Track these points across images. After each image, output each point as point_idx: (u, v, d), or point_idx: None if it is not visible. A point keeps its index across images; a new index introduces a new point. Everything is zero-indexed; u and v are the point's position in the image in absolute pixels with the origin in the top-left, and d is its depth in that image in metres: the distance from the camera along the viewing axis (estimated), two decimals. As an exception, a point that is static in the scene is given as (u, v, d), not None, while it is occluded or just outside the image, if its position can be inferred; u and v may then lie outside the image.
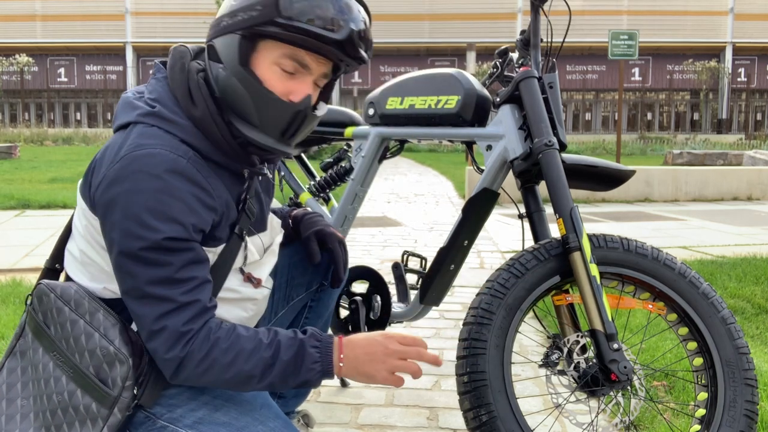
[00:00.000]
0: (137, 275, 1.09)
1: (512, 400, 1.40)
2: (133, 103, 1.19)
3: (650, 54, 25.16)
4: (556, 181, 1.52)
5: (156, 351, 1.12)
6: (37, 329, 1.22)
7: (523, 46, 1.74)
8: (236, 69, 1.15)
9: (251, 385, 1.16)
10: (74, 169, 10.91)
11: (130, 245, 1.08)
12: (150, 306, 1.10)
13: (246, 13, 1.14)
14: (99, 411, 1.15)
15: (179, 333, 1.11)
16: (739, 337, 1.48)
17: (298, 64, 1.17)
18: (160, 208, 1.08)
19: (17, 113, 25.76)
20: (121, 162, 1.10)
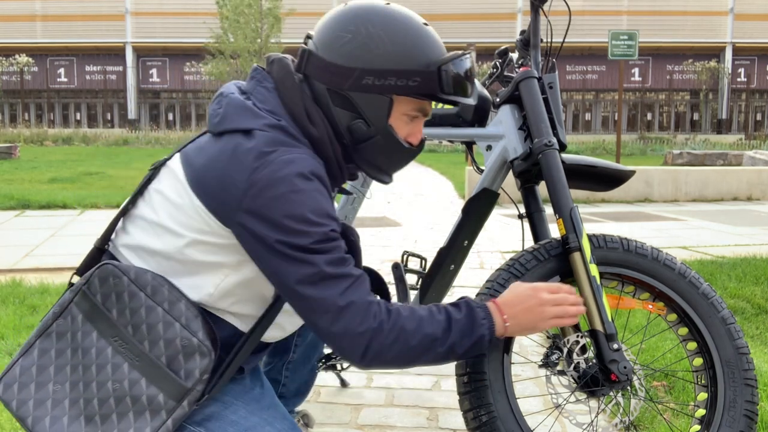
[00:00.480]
0: (315, 262, 1.12)
1: (512, 401, 1.40)
2: (253, 110, 1.18)
3: (650, 54, 25.16)
4: (555, 182, 1.52)
5: (347, 329, 1.13)
6: (92, 311, 1.17)
7: (523, 47, 1.74)
8: (382, 128, 1.23)
9: (434, 350, 1.18)
10: (74, 169, 10.91)
11: (301, 241, 1.11)
12: (333, 286, 1.13)
13: (401, 81, 1.20)
14: (166, 403, 1.13)
15: (367, 303, 1.15)
16: (739, 338, 1.48)
17: (422, 113, 1.27)
18: (319, 205, 1.13)
19: (17, 113, 25.75)
20: (273, 166, 1.11)
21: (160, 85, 26.70)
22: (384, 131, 1.23)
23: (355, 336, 1.13)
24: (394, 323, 1.16)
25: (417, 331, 1.17)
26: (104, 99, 26.46)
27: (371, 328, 1.14)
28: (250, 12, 20.57)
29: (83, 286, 1.18)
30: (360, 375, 2.29)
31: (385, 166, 1.29)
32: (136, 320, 1.15)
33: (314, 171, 1.14)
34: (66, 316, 1.18)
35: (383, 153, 1.26)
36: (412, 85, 1.20)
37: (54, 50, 25.75)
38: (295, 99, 1.21)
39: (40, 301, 3.13)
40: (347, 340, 1.14)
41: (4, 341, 2.55)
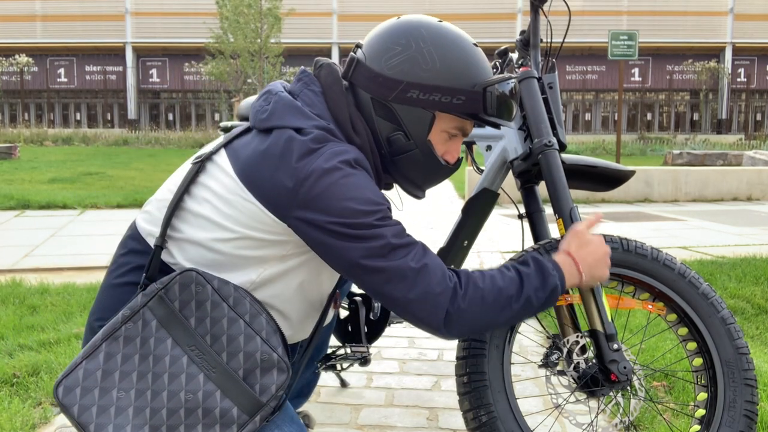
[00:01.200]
0: (381, 236, 1.13)
1: (512, 401, 1.40)
2: (302, 110, 1.21)
3: (650, 54, 25.16)
4: (555, 182, 1.52)
5: (426, 292, 1.14)
6: (169, 318, 1.14)
7: (523, 47, 1.74)
8: (422, 143, 1.26)
9: (510, 306, 1.19)
10: (74, 170, 10.91)
11: (364, 220, 1.12)
12: (403, 254, 1.15)
13: (446, 98, 1.22)
14: (239, 417, 1.11)
15: (439, 265, 1.17)
16: (739, 338, 1.48)
17: (461, 132, 1.29)
18: (370, 189, 1.16)
19: (17, 113, 25.74)
20: (324, 156, 1.13)
21: (160, 85, 26.70)
22: (423, 145, 1.25)
23: (435, 299, 1.15)
24: (467, 284, 1.18)
25: (491, 288, 1.18)
26: (104, 99, 26.46)
27: (448, 288, 1.15)
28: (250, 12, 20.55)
29: (160, 291, 1.15)
30: (360, 375, 2.29)
31: (420, 181, 1.31)
32: (217, 331, 1.13)
33: (360, 161, 1.17)
34: (137, 321, 1.14)
35: (419, 167, 1.28)
36: (456, 103, 1.22)
37: (54, 50, 25.75)
38: (341, 106, 1.23)
39: (40, 301, 3.13)
40: (428, 305, 1.15)
41: (4, 341, 2.55)
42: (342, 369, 2.01)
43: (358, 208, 1.12)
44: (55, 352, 2.42)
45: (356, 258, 1.13)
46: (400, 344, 2.65)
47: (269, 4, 20.70)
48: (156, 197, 1.30)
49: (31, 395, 2.08)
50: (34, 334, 2.64)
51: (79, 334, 2.62)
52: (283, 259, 1.20)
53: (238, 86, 20.94)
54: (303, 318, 1.31)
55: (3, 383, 2.17)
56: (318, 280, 1.28)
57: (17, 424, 1.86)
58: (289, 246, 1.19)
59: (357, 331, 1.88)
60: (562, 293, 1.25)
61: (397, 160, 1.27)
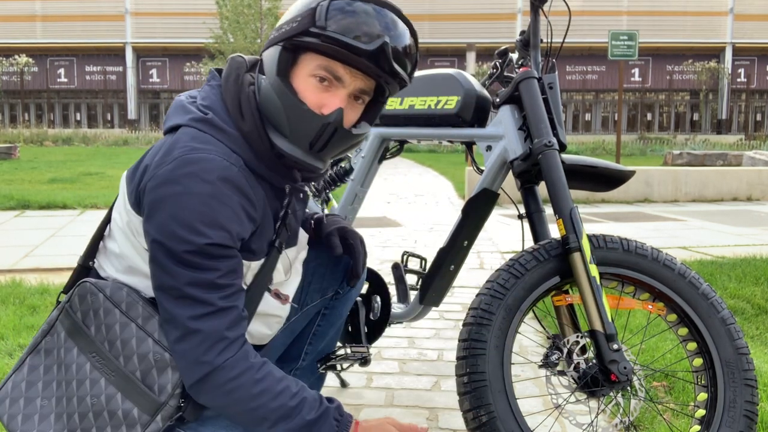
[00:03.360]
0: (178, 276, 1.09)
1: (512, 401, 1.40)
2: (186, 107, 1.20)
3: (650, 54, 25.16)
4: (555, 182, 1.52)
5: (186, 354, 1.10)
6: (73, 328, 1.19)
7: (523, 47, 1.74)
8: (274, 79, 1.16)
9: (261, 427, 1.14)
10: (74, 170, 10.91)
11: (175, 247, 1.08)
12: (187, 307, 1.09)
13: (288, 26, 1.17)
14: (140, 417, 1.13)
15: (218, 337, 1.10)
16: (739, 338, 1.48)
17: (332, 76, 1.17)
18: (209, 213, 1.08)
19: (17, 114, 25.74)
20: (174, 163, 1.10)
21: (160, 85, 26.70)
22: (275, 83, 1.15)
23: (195, 364, 1.10)
24: (239, 374, 1.11)
25: (257, 398, 1.12)
26: (104, 99, 26.46)
27: (211, 364, 1.10)
28: (249, 12, 20.57)
29: (66, 304, 1.21)
30: (360, 375, 2.29)
31: (290, 132, 1.16)
32: (111, 336, 1.16)
33: (221, 175, 1.10)
34: (53, 334, 1.22)
35: (280, 112, 1.15)
36: (294, 26, 1.15)
37: (54, 50, 25.75)
38: (230, 93, 1.20)
39: (40, 301, 3.13)
40: (185, 363, 1.11)
41: (4, 341, 2.55)
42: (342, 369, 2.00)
43: (176, 231, 1.08)
44: (55, 352, 2.42)
45: (154, 280, 1.13)
46: (400, 344, 2.65)
47: (269, 4, 20.70)
48: None
49: (31, 395, 2.08)
50: (33, 334, 2.63)
51: (79, 335, 2.62)
52: None
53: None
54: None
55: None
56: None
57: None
58: None
59: (357, 332, 1.88)
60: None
61: (263, 110, 1.18)
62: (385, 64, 1.15)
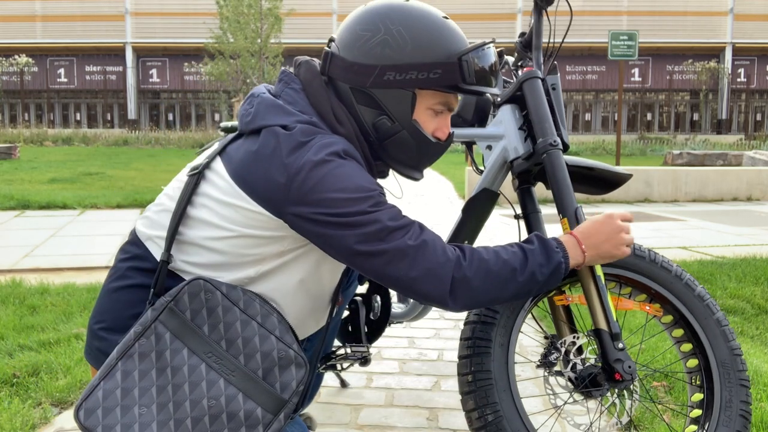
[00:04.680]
0: (378, 220, 1.14)
1: (517, 400, 1.40)
2: (284, 108, 1.22)
3: (650, 54, 25.15)
4: (560, 182, 1.51)
5: (428, 267, 1.15)
6: (182, 328, 1.15)
7: (523, 48, 1.74)
8: (407, 124, 1.25)
9: (515, 279, 1.20)
10: (74, 170, 10.91)
11: (357, 207, 1.13)
12: (401, 234, 1.15)
13: (422, 74, 1.21)
14: (263, 417, 1.12)
15: (438, 239, 1.19)
16: (733, 339, 1.49)
17: (447, 107, 1.28)
18: (364, 176, 1.16)
19: (17, 114, 25.72)
20: (311, 151, 1.14)
21: (160, 85, 26.69)
22: (408, 126, 1.25)
23: (438, 272, 1.15)
24: (471, 255, 1.19)
25: (496, 260, 1.19)
26: (104, 99, 26.45)
27: (450, 260, 1.16)
28: (250, 12, 20.55)
29: (170, 303, 1.16)
30: (360, 375, 2.29)
31: (414, 161, 1.31)
32: (231, 335, 1.15)
33: (349, 151, 1.17)
34: (149, 336, 1.15)
35: (409, 148, 1.27)
36: (433, 78, 1.21)
37: (54, 50, 25.74)
38: (322, 99, 1.23)
39: (40, 301, 3.13)
40: (431, 280, 1.15)
41: (4, 341, 2.55)
42: (342, 369, 2.01)
43: (350, 196, 1.12)
44: (55, 352, 2.42)
45: (354, 244, 1.14)
46: (400, 344, 2.65)
47: (269, 5, 20.69)
48: (155, 203, 1.32)
49: (31, 395, 2.08)
50: (34, 334, 2.64)
51: (79, 335, 2.62)
52: (280, 254, 1.21)
53: (237, 86, 20.93)
54: (306, 313, 1.31)
55: (3, 383, 2.17)
56: (317, 275, 1.28)
57: (17, 424, 1.86)
58: (286, 242, 1.20)
59: (357, 331, 1.88)
60: (566, 271, 1.26)
61: (386, 144, 1.27)
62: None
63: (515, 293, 1.22)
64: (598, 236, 1.31)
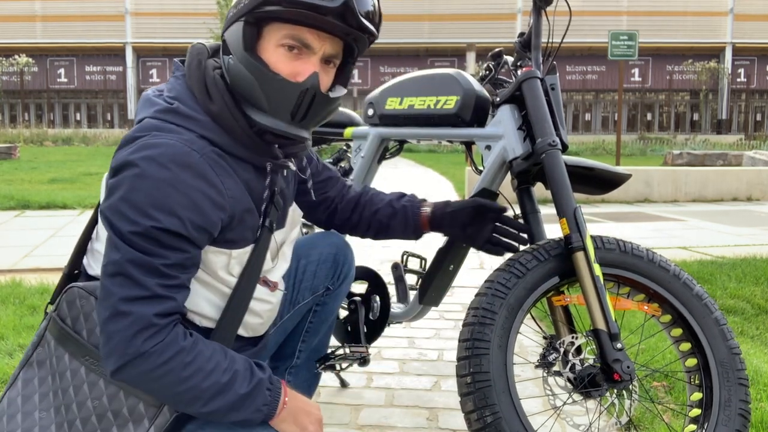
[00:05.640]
0: (122, 252, 1.06)
1: (516, 401, 1.39)
2: (151, 100, 1.20)
3: (650, 54, 25.14)
4: (559, 182, 1.51)
5: (113, 335, 1.06)
6: (61, 335, 1.18)
7: (522, 48, 1.74)
8: (242, 55, 1.15)
9: (194, 407, 1.12)
10: (74, 170, 10.91)
11: (123, 227, 1.07)
12: (124, 286, 1.06)
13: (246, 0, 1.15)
14: (146, 410, 1.13)
15: (146, 322, 1.06)
16: (732, 338, 1.49)
17: (300, 44, 1.16)
18: (160, 198, 1.06)
19: (17, 114, 25.71)
20: (133, 147, 1.10)
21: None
22: (244, 59, 1.14)
23: (121, 347, 1.06)
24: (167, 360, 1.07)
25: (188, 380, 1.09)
26: (104, 99, 26.45)
27: (137, 350, 1.06)
28: (250, 12, 20.55)
29: (53, 313, 1.20)
30: (360, 375, 2.29)
31: (267, 104, 1.15)
32: None
33: (181, 161, 1.08)
34: (43, 345, 1.21)
35: (256, 88, 1.14)
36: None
37: (54, 50, 25.73)
38: (195, 79, 1.20)
39: (40, 301, 3.13)
40: (111, 346, 1.07)
41: (4, 341, 2.56)
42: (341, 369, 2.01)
43: (125, 211, 1.07)
44: (55, 352, 2.42)
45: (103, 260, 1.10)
46: (400, 344, 2.65)
47: (269, 5, 20.68)
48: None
49: (31, 395, 2.08)
50: (33, 334, 2.64)
51: (79, 335, 2.62)
52: None
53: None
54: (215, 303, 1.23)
55: (3, 383, 2.17)
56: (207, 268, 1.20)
57: (17, 424, 1.86)
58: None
59: (356, 332, 1.89)
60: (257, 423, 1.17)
61: (236, 89, 1.17)
62: (352, 20, 1.14)
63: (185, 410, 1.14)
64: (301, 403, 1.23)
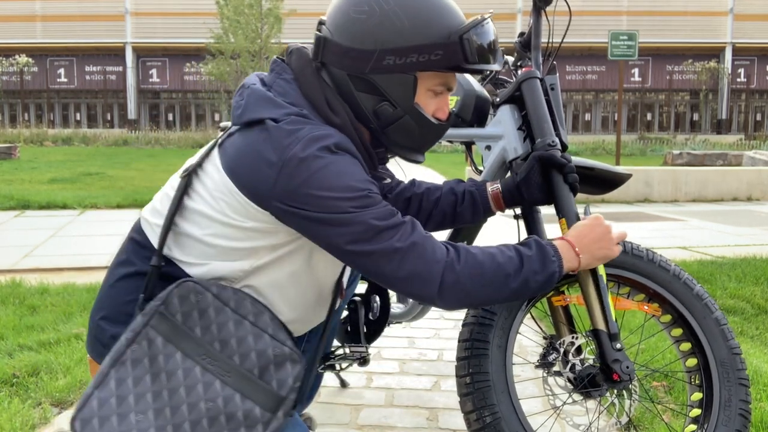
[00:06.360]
0: (365, 221, 1.11)
1: (515, 401, 1.40)
2: (274, 101, 1.18)
3: (650, 54, 25.14)
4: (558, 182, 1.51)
5: (415, 268, 1.13)
6: (174, 332, 1.14)
7: (522, 48, 1.74)
8: (410, 108, 1.21)
9: (508, 285, 1.18)
10: (74, 170, 10.90)
11: (342, 206, 1.10)
12: (390, 236, 1.12)
13: (423, 56, 1.16)
14: (262, 415, 1.11)
15: (428, 239, 1.16)
16: (732, 338, 1.48)
17: (446, 87, 1.25)
18: (351, 173, 1.13)
19: (17, 114, 25.71)
20: (299, 146, 1.11)
21: (160, 85, 26.69)
22: (411, 111, 1.21)
23: (426, 274, 1.13)
24: (465, 257, 1.17)
25: (490, 264, 1.18)
26: (104, 99, 26.45)
27: (440, 262, 1.14)
28: (250, 12, 20.55)
29: (160, 308, 1.15)
30: (360, 375, 2.29)
31: (417, 144, 1.27)
32: (224, 335, 1.14)
33: (341, 144, 1.14)
34: (140, 342, 1.13)
35: (413, 133, 1.24)
36: (434, 60, 1.16)
37: (54, 50, 25.73)
38: (314, 89, 1.20)
39: (40, 301, 3.14)
40: (419, 281, 1.14)
41: (4, 341, 2.56)
42: (341, 369, 2.01)
43: (337, 195, 1.10)
44: (55, 352, 2.43)
45: (342, 244, 1.13)
46: (400, 344, 2.65)
47: (270, 5, 20.69)
48: (159, 192, 1.32)
49: (31, 395, 2.08)
50: (34, 335, 2.64)
51: (79, 335, 2.62)
52: (274, 248, 1.20)
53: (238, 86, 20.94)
54: (304, 307, 1.30)
55: (3, 383, 2.17)
56: (314, 268, 1.27)
57: (17, 424, 1.86)
58: (280, 235, 1.19)
59: (356, 332, 1.88)
60: (559, 278, 1.25)
61: (389, 131, 1.23)
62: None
63: (507, 298, 1.22)
64: (590, 239, 1.30)
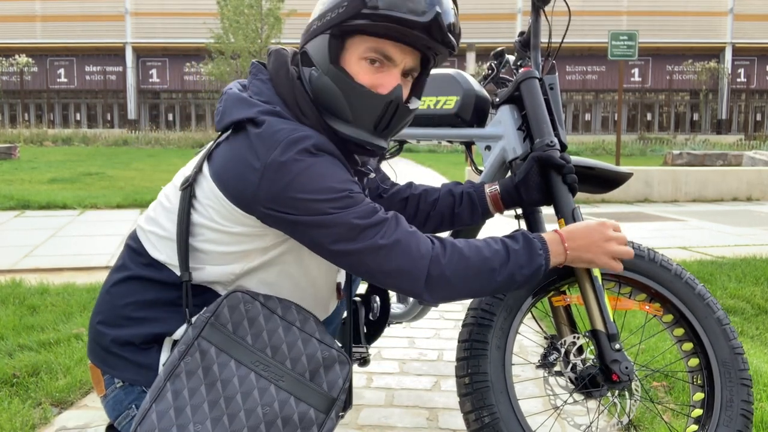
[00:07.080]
0: (347, 221, 1.12)
1: (514, 402, 1.40)
2: (248, 101, 1.20)
3: (650, 54, 25.14)
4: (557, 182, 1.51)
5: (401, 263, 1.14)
6: (226, 342, 1.16)
7: (522, 48, 1.74)
8: (328, 68, 1.18)
9: (493, 279, 1.19)
10: (74, 170, 10.90)
11: (322, 208, 1.12)
12: (373, 234, 1.14)
13: (333, 12, 1.17)
14: (316, 417, 1.15)
15: (414, 235, 1.17)
16: (734, 338, 1.48)
17: (384, 56, 1.19)
18: (331, 175, 1.13)
19: (17, 114, 25.71)
20: (278, 149, 1.11)
21: (159, 85, 26.69)
22: (330, 71, 1.18)
23: (411, 269, 1.15)
24: (451, 251, 1.18)
25: (476, 257, 1.19)
26: (104, 99, 26.44)
27: (425, 257, 1.16)
28: (250, 12, 20.55)
29: (210, 319, 1.17)
30: (360, 375, 2.29)
31: (351, 115, 1.19)
32: (275, 342, 1.17)
33: (319, 145, 1.14)
34: (193, 353, 1.15)
35: (338, 99, 1.18)
36: (342, 12, 1.16)
37: (54, 50, 25.73)
38: (286, 89, 1.22)
39: (40, 301, 3.13)
40: (405, 276, 1.15)
41: (4, 341, 2.56)
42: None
43: (317, 198, 1.11)
44: (55, 352, 2.42)
45: (326, 244, 1.14)
46: (400, 344, 2.65)
47: (270, 5, 20.69)
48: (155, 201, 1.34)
49: (31, 395, 2.08)
50: (34, 335, 2.64)
51: (79, 335, 2.62)
52: (265, 251, 1.22)
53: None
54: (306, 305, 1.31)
55: (3, 383, 2.17)
56: (305, 269, 1.28)
57: (17, 424, 1.86)
58: (268, 238, 1.21)
59: (356, 332, 1.88)
60: (546, 271, 1.25)
61: (319, 101, 1.20)
62: (438, 34, 1.17)
63: (493, 290, 1.23)
64: (584, 240, 1.29)
